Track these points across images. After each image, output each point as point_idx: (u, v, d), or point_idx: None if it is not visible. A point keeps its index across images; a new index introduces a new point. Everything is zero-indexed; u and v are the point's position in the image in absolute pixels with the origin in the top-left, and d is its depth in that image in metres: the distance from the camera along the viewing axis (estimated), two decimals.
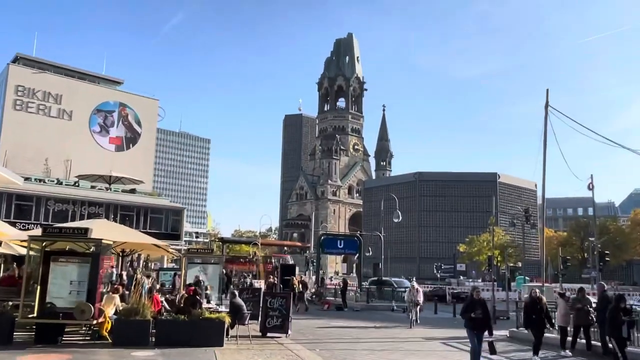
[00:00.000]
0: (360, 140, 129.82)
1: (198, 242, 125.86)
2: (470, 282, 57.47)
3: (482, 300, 10.44)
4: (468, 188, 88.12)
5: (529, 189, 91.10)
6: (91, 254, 11.56)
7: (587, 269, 42.84)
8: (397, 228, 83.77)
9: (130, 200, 41.41)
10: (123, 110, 55.95)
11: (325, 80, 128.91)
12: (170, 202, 52.92)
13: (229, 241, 79.73)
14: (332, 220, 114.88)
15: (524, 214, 37.12)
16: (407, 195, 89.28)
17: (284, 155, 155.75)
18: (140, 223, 39.99)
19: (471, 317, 9.98)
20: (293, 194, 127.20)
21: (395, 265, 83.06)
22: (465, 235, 72.03)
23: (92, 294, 11.15)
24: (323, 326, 19.02)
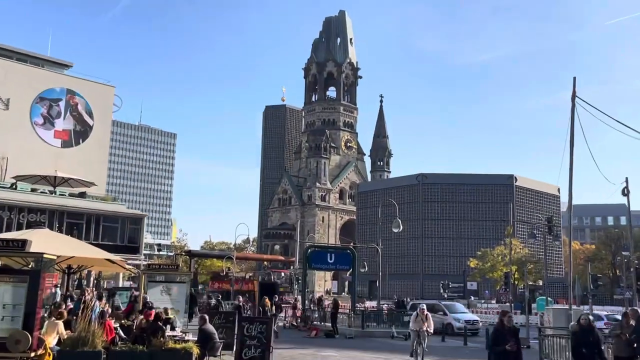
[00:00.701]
0: (353, 137, 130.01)
1: (161, 256, 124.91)
2: (483, 304, 57.63)
3: (514, 329, 10.13)
4: (480, 192, 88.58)
5: (551, 194, 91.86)
6: (30, 272, 11.26)
7: (620, 289, 43.08)
8: (397, 239, 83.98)
9: (79, 206, 40.89)
10: (71, 98, 55.28)
11: (313, 66, 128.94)
12: (128, 209, 52.31)
13: (198, 255, 79.19)
14: (320, 230, 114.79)
15: (547, 223, 37.32)
16: (408, 201, 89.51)
17: (264, 153, 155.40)
18: (91, 233, 39.51)
19: (505, 350, 9.45)
20: (275, 199, 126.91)
21: (395, 282, 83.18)
22: (476, 248, 72.33)
23: (29, 320, 10.80)
24: (311, 358, 18.79)
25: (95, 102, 56.54)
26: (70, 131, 55.17)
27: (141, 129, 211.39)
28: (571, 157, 19.49)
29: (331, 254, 35.83)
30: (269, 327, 14.78)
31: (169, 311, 15.34)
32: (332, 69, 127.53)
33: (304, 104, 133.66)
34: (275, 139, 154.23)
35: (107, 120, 59.49)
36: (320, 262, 35.33)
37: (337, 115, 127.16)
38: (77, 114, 55.70)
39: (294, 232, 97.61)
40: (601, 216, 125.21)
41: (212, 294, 40.67)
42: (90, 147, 55.45)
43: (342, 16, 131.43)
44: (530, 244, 65.48)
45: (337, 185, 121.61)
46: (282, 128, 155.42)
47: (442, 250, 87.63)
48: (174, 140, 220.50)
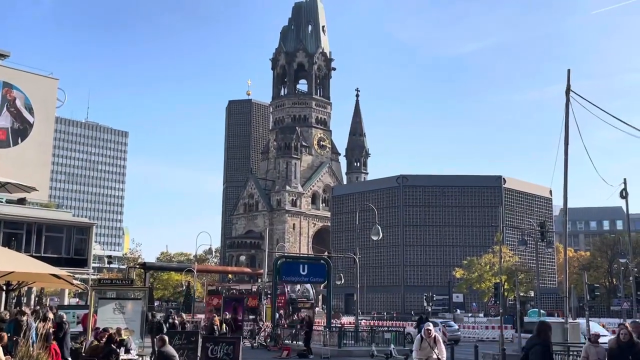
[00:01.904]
0: (327, 135, 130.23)
1: (112, 270, 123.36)
2: (470, 317, 58.21)
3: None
4: (466, 195, 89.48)
5: (542, 197, 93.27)
6: None
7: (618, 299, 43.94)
8: (376, 248, 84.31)
9: (18, 213, 40.15)
10: (8, 92, 54.20)
11: (282, 56, 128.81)
12: (74, 217, 51.54)
13: (153, 268, 78.57)
14: (291, 238, 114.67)
15: (538, 228, 37.84)
16: (387, 205, 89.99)
17: (228, 153, 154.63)
18: (32, 245, 38.79)
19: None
20: (240, 205, 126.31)
21: (374, 295, 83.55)
22: (462, 256, 73.01)
23: None
24: None
25: (36, 96, 55.50)
26: (7, 129, 54.06)
27: (88, 126, 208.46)
28: (566, 156, 19.73)
29: (304, 265, 35.83)
30: (237, 348, 14.69)
31: (122, 332, 15.14)
32: (303, 59, 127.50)
33: (272, 99, 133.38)
34: (240, 137, 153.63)
35: (50, 117, 58.48)
36: (291, 275, 35.31)
37: (308, 111, 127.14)
38: (15, 110, 54.61)
39: (262, 241, 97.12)
40: (596, 220, 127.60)
41: (170, 309, 40.41)
42: (30, 147, 54.40)
43: (314, 2, 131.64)
44: (520, 251, 66.34)
45: (309, 189, 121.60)
46: (248, 125, 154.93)
47: (425, 260, 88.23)
48: (126, 140, 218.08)
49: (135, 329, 16.68)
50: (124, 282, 20.24)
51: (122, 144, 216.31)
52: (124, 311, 17.01)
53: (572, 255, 78.38)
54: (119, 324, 15.92)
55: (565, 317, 20.00)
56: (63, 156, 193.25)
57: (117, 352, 12.67)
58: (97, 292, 17.22)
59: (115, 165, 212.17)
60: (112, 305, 17.07)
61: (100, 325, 15.60)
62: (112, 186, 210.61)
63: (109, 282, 19.46)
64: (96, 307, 16.77)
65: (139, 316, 17.20)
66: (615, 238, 71.77)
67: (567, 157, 19.71)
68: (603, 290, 60.10)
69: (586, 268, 61.69)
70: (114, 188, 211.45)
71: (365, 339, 29.59)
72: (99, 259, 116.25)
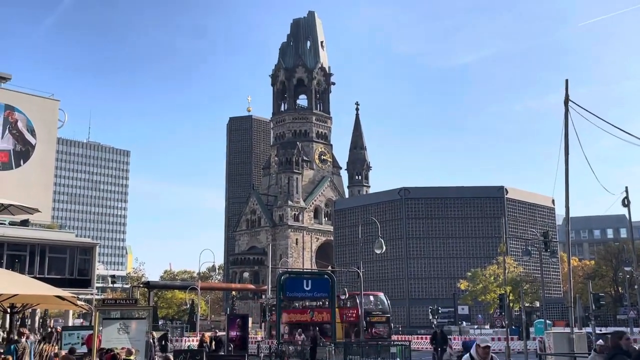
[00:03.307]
0: (328, 149, 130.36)
1: (115, 290, 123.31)
2: (476, 329, 57.95)
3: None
4: (468, 207, 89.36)
5: (545, 207, 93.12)
6: None
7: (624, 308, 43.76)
8: (380, 261, 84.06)
9: (22, 235, 40.21)
10: (10, 114, 54.43)
11: (281, 72, 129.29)
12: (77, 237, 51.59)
13: (157, 286, 78.50)
14: (294, 254, 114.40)
15: (542, 238, 37.81)
16: (390, 218, 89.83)
17: (229, 170, 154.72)
18: (36, 266, 38.86)
19: None
20: (242, 221, 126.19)
21: None
22: (466, 268, 72.77)
23: None
24: None
25: (38, 118, 55.76)
26: (9, 152, 54.25)
27: (90, 146, 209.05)
28: (566, 165, 19.80)
29: (307, 280, 35.81)
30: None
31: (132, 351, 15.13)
32: (302, 75, 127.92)
33: (272, 114, 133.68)
34: (242, 153, 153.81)
35: (52, 138, 58.69)
36: (295, 290, 35.29)
37: (309, 125, 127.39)
38: (17, 132, 54.83)
39: (265, 257, 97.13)
40: (600, 229, 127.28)
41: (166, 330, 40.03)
42: (32, 168, 54.56)
43: (312, 18, 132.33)
44: (524, 261, 66.16)
45: (311, 203, 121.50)
46: (249, 141, 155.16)
47: (429, 272, 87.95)
48: (127, 159, 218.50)
49: (140, 348, 16.65)
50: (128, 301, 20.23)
51: (124, 163, 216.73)
52: (128, 331, 16.98)
53: (577, 264, 78.19)
54: (123, 344, 15.89)
55: (571, 327, 19.93)
56: (65, 177, 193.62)
57: None
58: (101, 313, 17.18)
59: (117, 185, 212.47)
60: (116, 325, 17.03)
61: (105, 346, 15.58)
62: (114, 205, 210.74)
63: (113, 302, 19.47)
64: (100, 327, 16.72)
65: (143, 335, 17.18)
66: (619, 246, 71.57)
67: (568, 166, 19.78)
68: (609, 299, 59.80)
69: (591, 277, 61.51)
70: (117, 207, 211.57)
71: (372, 355, 29.42)
72: (102, 279, 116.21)
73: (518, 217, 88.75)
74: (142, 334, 17.18)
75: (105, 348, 14.91)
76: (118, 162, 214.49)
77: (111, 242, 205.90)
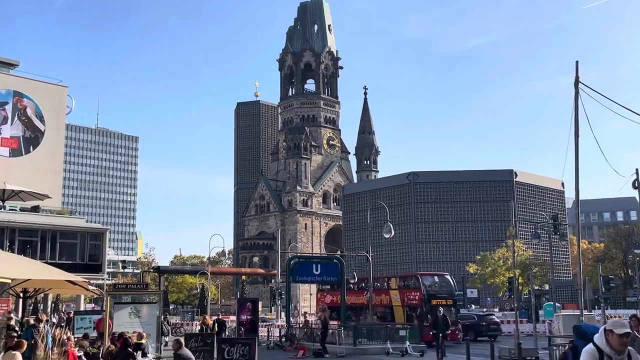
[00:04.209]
0: (336, 134, 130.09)
1: (126, 274, 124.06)
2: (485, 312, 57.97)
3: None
4: (477, 191, 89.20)
5: (555, 190, 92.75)
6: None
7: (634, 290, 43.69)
8: (389, 245, 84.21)
9: (32, 221, 40.41)
10: (19, 101, 54.56)
11: (289, 57, 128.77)
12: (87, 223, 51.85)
13: (167, 271, 78.89)
14: (303, 238, 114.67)
15: (552, 221, 37.70)
16: (399, 203, 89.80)
17: (238, 155, 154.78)
18: (47, 252, 39.06)
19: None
20: (251, 206, 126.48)
21: None
22: (475, 251, 72.74)
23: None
24: None
25: (47, 104, 55.87)
26: (19, 138, 54.46)
27: (99, 132, 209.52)
28: (576, 148, 19.67)
29: (317, 264, 35.97)
30: (252, 348, 14.75)
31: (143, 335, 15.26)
32: (310, 59, 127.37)
33: (280, 99, 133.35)
34: (250, 139, 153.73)
35: (61, 124, 58.82)
36: (305, 274, 35.46)
37: (317, 110, 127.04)
38: (26, 119, 55.00)
39: (274, 242, 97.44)
40: (610, 211, 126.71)
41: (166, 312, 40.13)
42: (42, 155, 54.78)
43: (319, 1, 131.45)
44: (534, 245, 66.05)
45: (320, 188, 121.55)
46: (257, 127, 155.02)
47: (438, 256, 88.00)
48: (136, 145, 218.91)
49: (151, 332, 16.78)
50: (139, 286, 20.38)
51: (133, 149, 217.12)
52: (139, 315, 17.13)
53: (586, 247, 77.96)
54: (135, 328, 16.03)
55: (580, 309, 19.94)
56: (75, 163, 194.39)
57: (134, 356, 12.77)
58: (112, 297, 17.34)
59: (126, 171, 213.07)
60: (127, 309, 17.20)
61: (117, 330, 15.72)
62: (124, 191, 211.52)
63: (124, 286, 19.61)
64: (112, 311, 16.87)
65: (154, 320, 17.31)
66: (629, 229, 71.31)
67: (578, 149, 19.65)
68: (618, 281, 59.76)
69: (601, 260, 61.38)
70: (126, 193, 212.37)
71: (380, 337, 29.54)
72: (113, 264, 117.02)
73: (527, 201, 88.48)
74: (153, 318, 17.32)
75: (117, 332, 15.04)
76: (127, 148, 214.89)
77: (121, 228, 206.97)
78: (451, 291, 37.16)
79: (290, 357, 26.76)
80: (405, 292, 35.89)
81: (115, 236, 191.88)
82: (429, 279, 37.79)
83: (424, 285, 35.18)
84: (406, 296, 35.53)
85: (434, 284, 37.14)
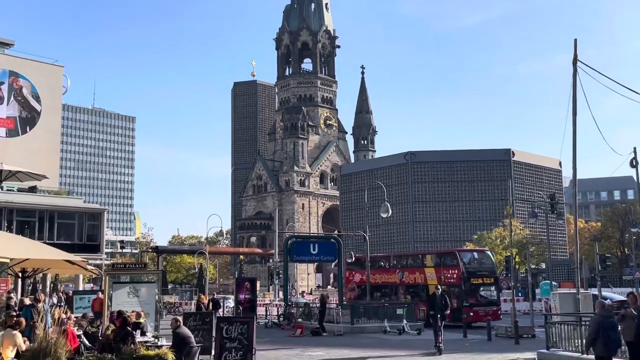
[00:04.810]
0: (333, 113, 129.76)
1: (124, 254, 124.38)
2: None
3: None
4: (474, 170, 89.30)
5: (552, 169, 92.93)
6: None
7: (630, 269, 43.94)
8: (386, 225, 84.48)
9: (30, 201, 40.40)
10: (15, 81, 54.26)
11: (285, 36, 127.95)
12: (85, 203, 51.81)
13: (166, 251, 79.05)
14: (300, 218, 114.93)
15: (549, 201, 37.79)
16: (396, 182, 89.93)
17: (235, 135, 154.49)
18: (45, 232, 39.12)
19: None
20: (249, 186, 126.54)
21: None
22: (473, 231, 73.05)
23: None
24: (297, 358, 18.90)
25: (43, 84, 55.56)
26: (15, 118, 54.25)
27: (95, 113, 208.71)
28: (574, 127, 19.65)
29: (314, 244, 36.04)
30: (251, 327, 14.81)
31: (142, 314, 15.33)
32: (307, 38, 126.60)
33: (277, 79, 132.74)
34: (247, 119, 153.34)
35: (57, 104, 58.54)
36: (302, 254, 35.51)
37: (314, 90, 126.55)
38: (22, 99, 54.73)
39: (272, 222, 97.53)
40: (607, 190, 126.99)
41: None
42: (39, 135, 54.59)
43: None
44: (531, 224, 66.32)
45: (317, 168, 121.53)
46: (254, 107, 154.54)
47: (435, 235, 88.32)
48: (133, 125, 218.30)
49: (149, 311, 16.87)
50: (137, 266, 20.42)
51: (130, 129, 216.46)
52: (138, 294, 17.19)
53: (583, 226, 78.21)
54: (133, 307, 16.11)
55: (577, 288, 20.06)
56: (71, 143, 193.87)
57: (134, 335, 12.84)
58: (111, 277, 17.38)
59: (123, 151, 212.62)
60: (126, 289, 17.25)
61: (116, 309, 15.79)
62: (121, 172, 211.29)
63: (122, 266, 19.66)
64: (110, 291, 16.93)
65: (153, 299, 17.39)
66: (626, 207, 71.55)
67: (576, 127, 19.63)
68: (615, 260, 59.99)
69: (597, 238, 61.59)
70: (124, 173, 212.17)
71: (378, 316, 29.74)
72: (111, 244, 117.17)
73: (525, 180, 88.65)
74: (151, 297, 17.40)
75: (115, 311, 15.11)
76: (124, 129, 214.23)
77: (119, 208, 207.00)
78: (492, 268, 34.62)
79: (288, 336, 26.94)
80: (442, 270, 33.43)
81: (113, 216, 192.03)
82: (467, 255, 35.22)
83: (462, 262, 32.90)
84: (443, 274, 33.08)
85: (473, 261, 34.39)
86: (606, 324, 12.11)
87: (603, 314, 12.41)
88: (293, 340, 25.25)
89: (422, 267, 35.06)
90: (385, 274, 37.90)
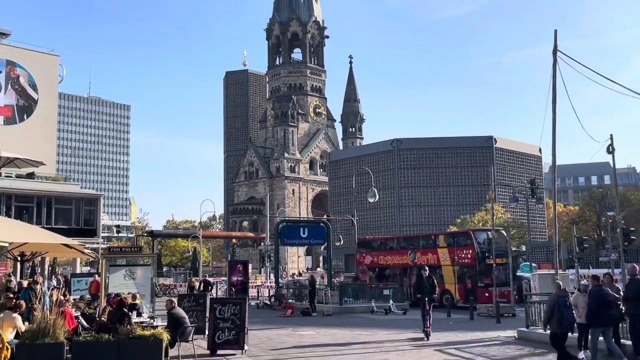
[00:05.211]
0: (322, 102, 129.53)
1: (120, 239, 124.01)
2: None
3: None
4: (458, 156, 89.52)
5: (532, 155, 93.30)
6: None
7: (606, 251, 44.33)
8: (373, 209, 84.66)
9: (28, 188, 40.24)
10: (12, 70, 53.84)
11: (276, 26, 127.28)
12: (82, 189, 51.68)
13: (161, 235, 78.93)
14: (291, 203, 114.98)
15: (529, 186, 37.95)
16: (383, 168, 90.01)
17: (227, 123, 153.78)
18: (43, 217, 39.02)
19: None
20: (241, 172, 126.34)
21: None
22: (457, 215, 73.33)
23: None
24: (288, 337, 18.98)
25: (39, 73, 55.20)
26: (13, 106, 53.87)
27: (91, 101, 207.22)
28: (554, 115, 19.72)
29: (304, 228, 36.09)
30: (243, 308, 14.86)
31: (137, 296, 15.33)
32: (297, 28, 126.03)
33: (268, 68, 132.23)
34: (239, 107, 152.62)
35: (53, 92, 58.24)
36: (293, 238, 35.59)
37: (303, 79, 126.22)
38: (19, 88, 54.33)
39: (263, 207, 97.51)
40: (584, 176, 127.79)
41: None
42: (36, 123, 54.33)
43: None
44: (512, 208, 66.63)
45: (306, 155, 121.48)
46: (245, 95, 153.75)
47: (420, 219, 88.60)
48: (128, 113, 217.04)
49: (145, 293, 16.87)
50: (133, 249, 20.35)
51: (125, 117, 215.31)
52: (134, 277, 17.18)
53: (562, 210, 78.77)
54: (130, 289, 16.11)
55: (555, 269, 20.24)
56: (68, 131, 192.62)
57: (130, 316, 12.84)
58: (107, 260, 17.34)
59: (119, 138, 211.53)
60: (122, 272, 17.22)
61: (112, 291, 15.78)
62: (117, 158, 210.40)
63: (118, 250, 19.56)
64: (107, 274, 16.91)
65: (148, 281, 17.40)
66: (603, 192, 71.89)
67: (555, 116, 19.71)
68: (592, 242, 60.45)
69: (575, 222, 61.93)
70: (119, 160, 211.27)
71: (365, 297, 29.93)
72: (107, 229, 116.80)
73: (506, 166, 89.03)
74: (147, 279, 17.38)
75: (112, 293, 15.10)
76: (119, 117, 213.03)
77: (115, 194, 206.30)
78: (506, 248, 31.79)
79: (279, 316, 27.04)
80: (455, 250, 31.94)
81: (109, 202, 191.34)
82: (482, 235, 32.81)
83: (477, 242, 31.35)
84: (457, 255, 31.68)
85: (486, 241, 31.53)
86: (560, 302, 12.47)
87: (559, 294, 12.88)
88: (284, 320, 25.34)
89: (434, 247, 33.77)
90: (396, 256, 36.42)
